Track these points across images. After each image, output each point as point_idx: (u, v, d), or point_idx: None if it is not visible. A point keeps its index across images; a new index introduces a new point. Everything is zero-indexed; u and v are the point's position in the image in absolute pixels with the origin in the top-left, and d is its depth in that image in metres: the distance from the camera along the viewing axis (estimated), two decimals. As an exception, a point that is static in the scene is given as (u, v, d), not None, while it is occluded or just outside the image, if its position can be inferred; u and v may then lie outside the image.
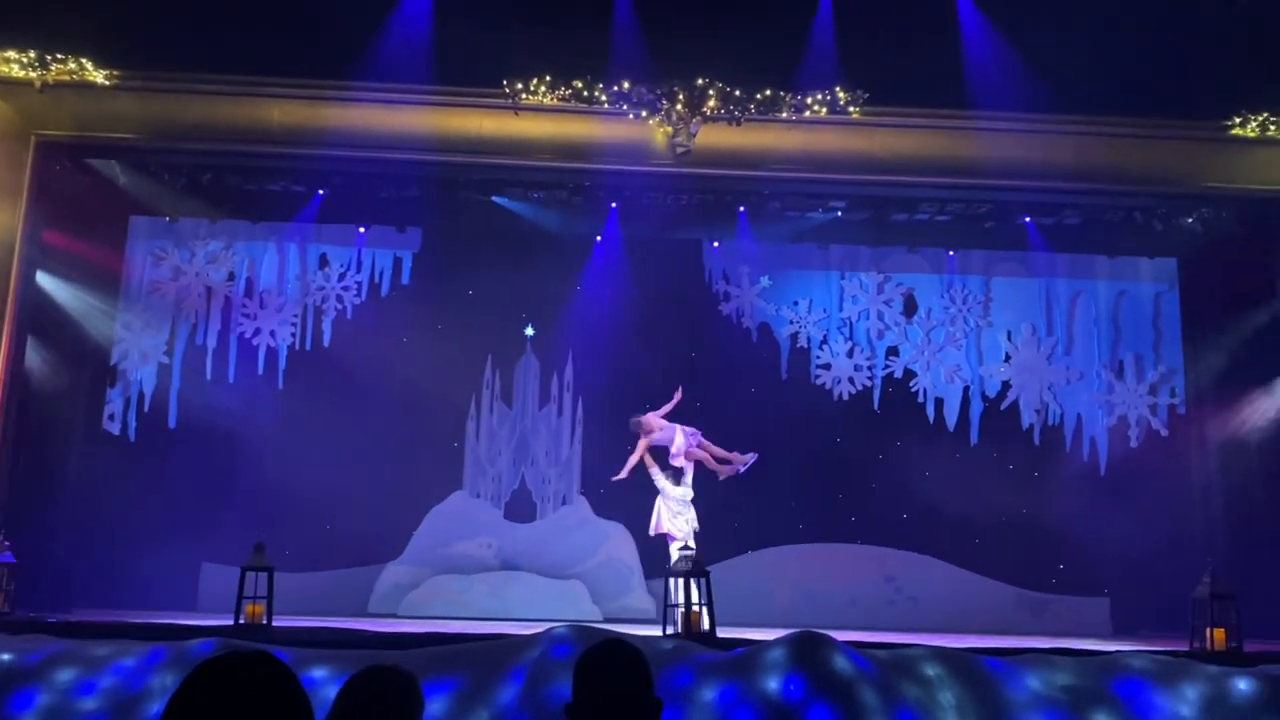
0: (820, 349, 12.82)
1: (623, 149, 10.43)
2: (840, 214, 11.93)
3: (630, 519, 12.07)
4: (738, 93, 10.18)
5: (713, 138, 10.29)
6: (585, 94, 10.17)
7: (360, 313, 12.55)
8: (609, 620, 10.69)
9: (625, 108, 10.20)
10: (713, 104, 10.17)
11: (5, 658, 6.32)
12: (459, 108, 10.37)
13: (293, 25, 9.81)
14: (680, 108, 10.15)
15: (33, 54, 9.71)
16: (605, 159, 10.54)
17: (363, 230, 12.51)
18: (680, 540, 9.09)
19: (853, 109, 10.23)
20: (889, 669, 5.91)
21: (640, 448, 9.53)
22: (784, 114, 10.25)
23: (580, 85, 10.17)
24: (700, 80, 10.12)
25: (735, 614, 8.86)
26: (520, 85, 10.14)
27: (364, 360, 12.21)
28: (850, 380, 12.74)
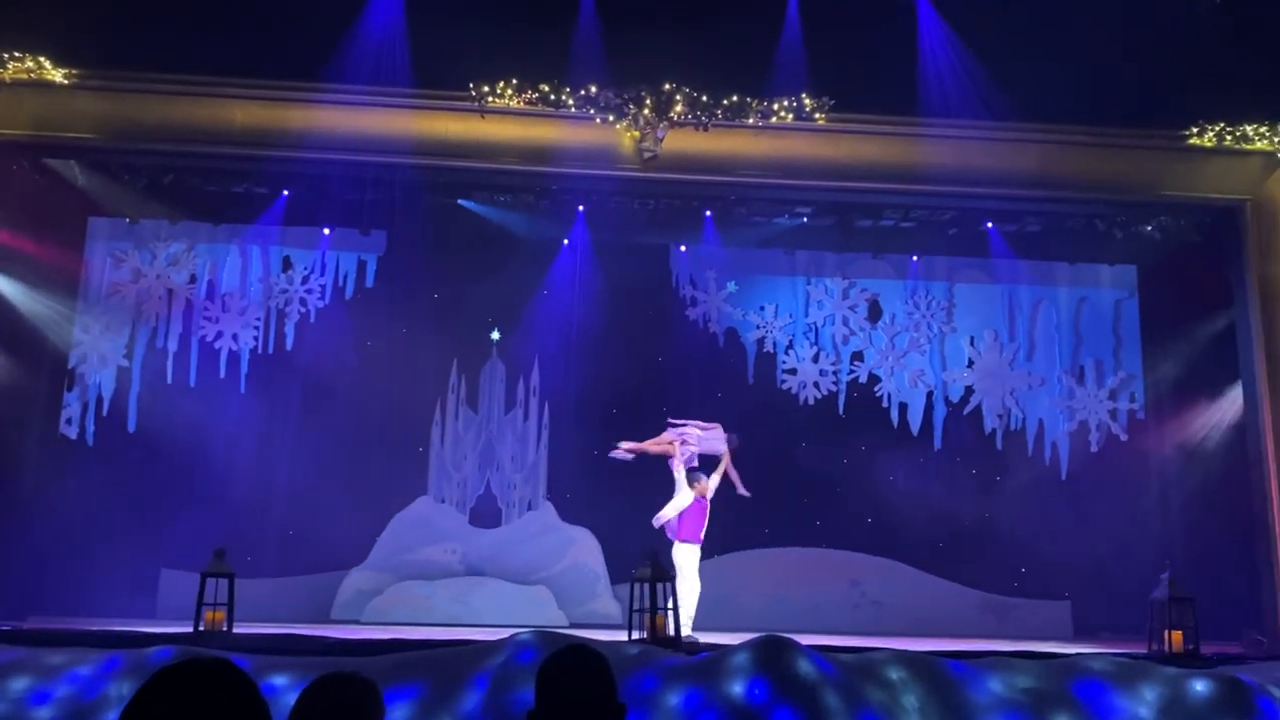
0: (786, 354, 12.87)
1: (590, 153, 10.42)
2: (806, 220, 11.99)
3: (597, 524, 12.07)
4: (704, 98, 10.22)
5: (680, 143, 10.32)
6: (552, 98, 10.16)
7: (324, 316, 12.43)
8: (575, 626, 10.66)
9: (592, 112, 10.20)
10: (680, 109, 10.20)
11: (-43, 667, 6.19)
12: (425, 110, 10.31)
13: (257, 26, 9.73)
14: (647, 112, 10.17)
15: (-11, 52, 9.55)
16: (572, 163, 10.52)
17: (327, 233, 12.38)
18: (695, 545, 9.03)
19: (818, 116, 10.31)
20: (853, 672, 5.94)
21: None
22: (750, 120, 10.31)
23: (547, 89, 10.17)
24: (667, 85, 10.14)
25: (701, 619, 8.88)
26: (487, 88, 10.11)
27: (327, 364, 12.10)
28: (816, 385, 12.81)
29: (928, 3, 10.28)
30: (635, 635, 7.63)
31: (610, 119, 10.22)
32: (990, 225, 12.09)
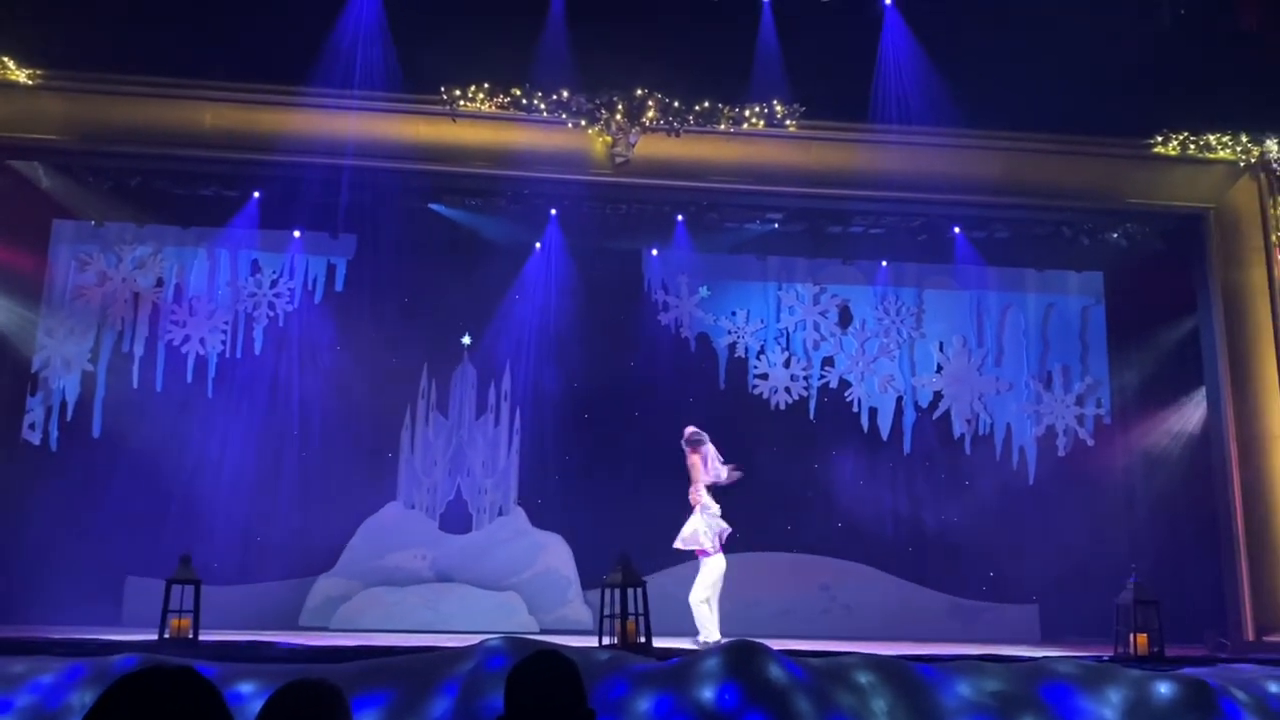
0: (758, 359, 12.91)
1: (561, 158, 10.41)
2: (777, 225, 12.05)
3: (567, 530, 12.04)
4: (676, 104, 10.25)
5: (652, 148, 10.33)
6: (524, 102, 10.15)
7: (293, 320, 12.32)
8: (546, 632, 10.63)
9: (564, 117, 10.20)
10: (652, 114, 10.22)
11: (-86, 676, 6.08)
12: (396, 114, 10.26)
13: (228, 27, 9.65)
14: (619, 118, 10.18)
15: (-49, 51, 9.41)
16: (544, 167, 10.51)
17: (297, 235, 12.28)
18: (717, 555, 9.02)
19: (789, 122, 10.37)
20: (823, 677, 5.95)
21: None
22: (722, 126, 10.35)
23: (519, 93, 10.16)
24: (639, 91, 10.16)
25: (672, 624, 8.87)
26: (458, 92, 10.09)
27: (296, 369, 12.01)
28: (787, 390, 12.86)
29: (895, 12, 10.39)
30: (606, 641, 7.60)
31: (582, 124, 10.23)
32: (958, 231, 12.20)
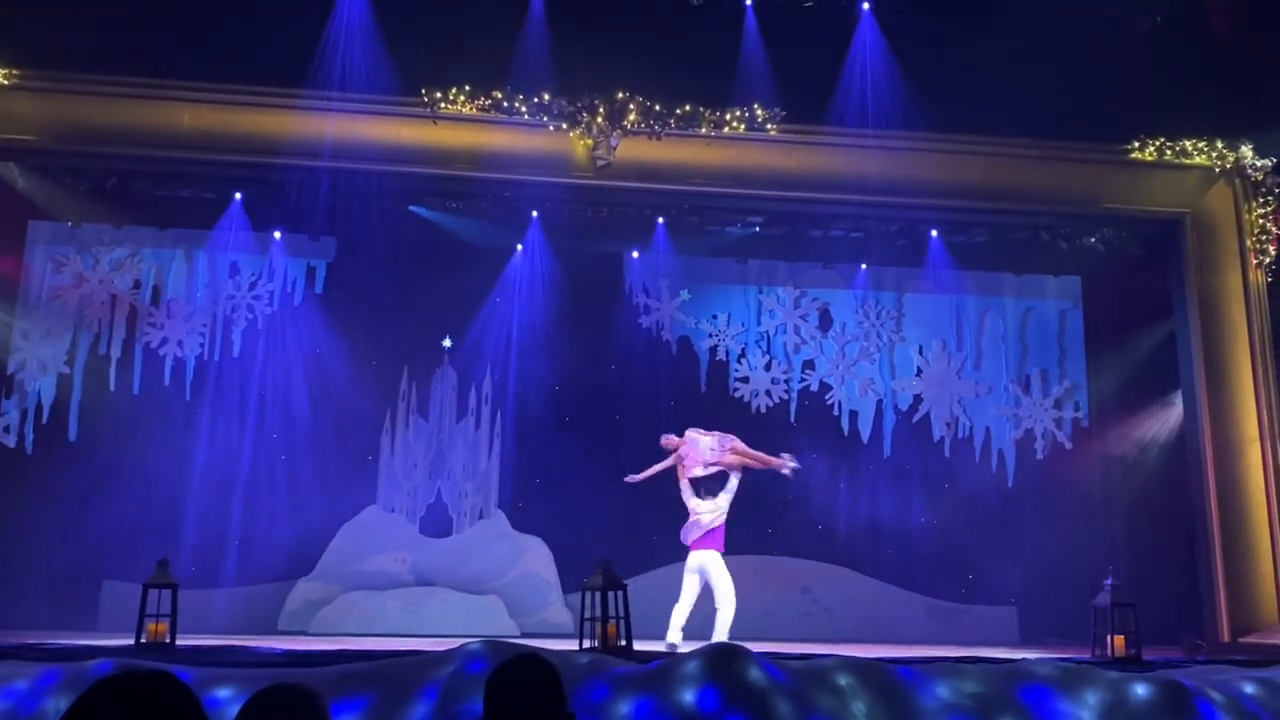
0: (738, 362, 12.94)
1: (543, 160, 10.41)
2: (758, 229, 12.08)
3: (548, 534, 12.02)
4: (658, 107, 10.28)
5: (633, 151, 10.36)
6: (505, 105, 10.15)
7: (272, 323, 12.24)
8: (527, 635, 10.59)
9: (545, 119, 10.21)
10: (633, 118, 10.24)
11: (-114, 682, 6.00)
12: (377, 115, 10.24)
13: (208, 28, 9.61)
14: (601, 121, 10.19)
15: (-75, 51, 9.33)
16: (525, 170, 10.51)
17: (278, 237, 12.21)
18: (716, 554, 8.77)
19: (770, 126, 10.42)
20: (803, 679, 5.96)
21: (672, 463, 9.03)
22: (703, 129, 10.39)
23: (500, 96, 10.16)
24: (621, 94, 10.18)
25: (653, 627, 8.86)
26: (439, 94, 10.08)
27: (275, 372, 11.94)
28: (767, 393, 12.88)
29: (872, 19, 10.45)
30: (586, 644, 7.60)
31: (564, 126, 10.23)
32: (937, 236, 12.27)
